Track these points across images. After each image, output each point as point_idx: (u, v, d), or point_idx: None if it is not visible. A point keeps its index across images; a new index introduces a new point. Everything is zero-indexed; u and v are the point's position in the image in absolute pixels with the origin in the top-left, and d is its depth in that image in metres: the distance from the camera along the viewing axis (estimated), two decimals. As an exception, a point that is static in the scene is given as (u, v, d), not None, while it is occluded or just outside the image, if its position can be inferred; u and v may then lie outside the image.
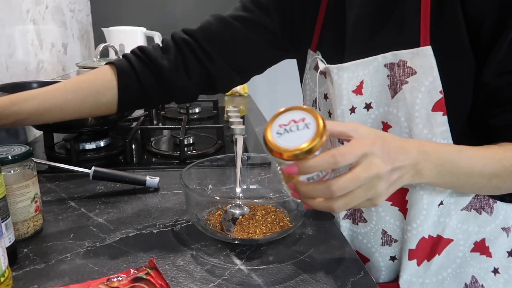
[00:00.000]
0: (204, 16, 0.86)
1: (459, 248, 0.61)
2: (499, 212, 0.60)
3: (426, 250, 0.61)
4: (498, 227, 0.61)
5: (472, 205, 0.60)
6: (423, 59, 0.54)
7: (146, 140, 1.03)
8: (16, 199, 0.55)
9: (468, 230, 0.61)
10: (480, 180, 0.52)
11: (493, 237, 0.61)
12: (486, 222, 0.60)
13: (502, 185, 0.54)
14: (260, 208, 0.64)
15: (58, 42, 1.30)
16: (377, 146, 0.44)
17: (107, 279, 0.48)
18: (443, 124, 0.55)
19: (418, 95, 0.54)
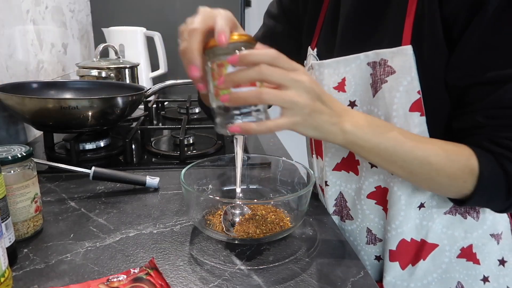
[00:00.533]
0: None
1: (445, 253, 0.60)
2: (486, 217, 0.59)
3: (409, 254, 0.61)
4: (486, 233, 0.60)
5: (456, 209, 0.59)
6: (403, 58, 0.54)
7: (146, 140, 1.03)
8: (16, 199, 0.55)
9: (454, 235, 0.60)
10: (410, 159, 0.51)
11: (481, 244, 0.60)
12: (473, 227, 0.59)
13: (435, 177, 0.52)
14: (260, 208, 0.64)
15: (58, 42, 1.30)
16: (314, 83, 0.47)
17: (107, 279, 0.48)
18: (421, 124, 0.54)
19: (396, 94, 0.55)
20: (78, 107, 0.84)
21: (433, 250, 0.60)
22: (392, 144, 0.51)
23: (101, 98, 0.88)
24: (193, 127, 1.09)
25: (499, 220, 0.60)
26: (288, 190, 0.71)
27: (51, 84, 1.07)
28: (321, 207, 0.71)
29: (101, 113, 0.88)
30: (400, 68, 0.54)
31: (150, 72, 1.69)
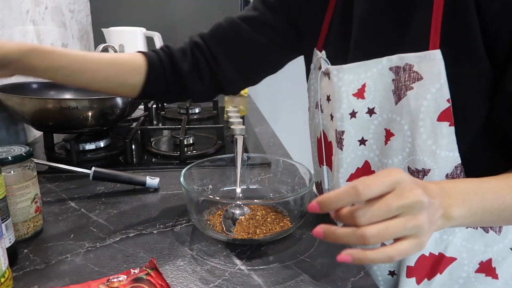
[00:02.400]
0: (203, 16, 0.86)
1: (463, 268, 0.58)
2: (508, 231, 0.57)
3: (426, 268, 0.58)
4: (507, 247, 0.57)
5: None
6: (431, 63, 0.50)
7: (146, 140, 1.03)
8: (16, 199, 0.55)
9: (474, 249, 0.57)
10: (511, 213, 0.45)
11: (501, 258, 0.57)
12: (494, 241, 0.56)
13: None
14: (260, 208, 0.64)
15: (57, 43, 1.30)
16: (405, 175, 0.38)
17: (107, 279, 0.48)
18: (449, 135, 0.51)
19: (423, 102, 0.51)
20: (78, 108, 0.84)
21: (451, 264, 0.58)
22: (495, 207, 0.44)
23: (101, 99, 0.88)
24: (193, 127, 1.09)
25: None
26: (288, 190, 0.71)
27: (51, 84, 1.07)
28: (321, 207, 0.71)
29: (101, 113, 0.88)
30: (428, 74, 0.50)
31: (150, 72, 1.69)
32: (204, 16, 1.79)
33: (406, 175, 0.38)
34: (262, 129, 1.23)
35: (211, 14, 1.79)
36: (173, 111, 1.44)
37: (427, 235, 0.38)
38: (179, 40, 1.81)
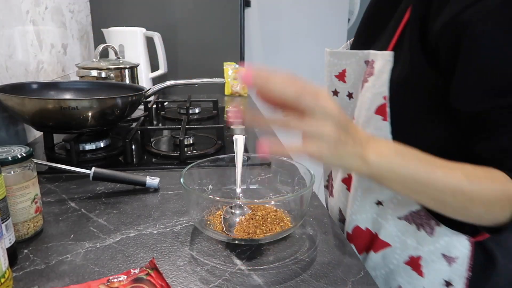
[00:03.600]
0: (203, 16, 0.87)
1: (395, 255, 0.63)
2: (440, 236, 0.58)
3: (363, 241, 0.66)
4: (438, 251, 0.59)
5: (413, 218, 0.59)
6: (383, 62, 0.55)
7: (146, 140, 1.03)
8: (16, 200, 0.55)
9: (406, 242, 0.61)
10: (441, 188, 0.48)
11: (430, 260, 0.59)
12: (425, 241, 0.59)
13: (470, 207, 0.48)
14: (260, 208, 0.64)
15: (57, 43, 1.30)
16: (338, 112, 0.44)
17: (108, 279, 0.48)
18: (382, 129, 0.55)
19: (369, 95, 0.57)
20: (78, 108, 0.84)
21: (385, 248, 0.64)
22: (421, 174, 0.47)
23: (101, 99, 0.88)
24: (193, 128, 1.09)
25: (456, 244, 0.58)
26: (288, 190, 0.71)
27: (51, 84, 1.07)
28: (321, 207, 0.71)
29: (101, 113, 0.88)
30: (378, 71, 0.56)
31: (150, 73, 1.69)
32: (204, 16, 1.79)
33: (337, 112, 0.44)
34: (262, 129, 1.23)
35: (211, 14, 1.79)
36: (173, 111, 1.44)
37: (329, 147, 0.44)
38: (179, 40, 1.82)
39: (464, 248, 0.58)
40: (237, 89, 1.81)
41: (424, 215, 0.59)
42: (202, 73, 1.86)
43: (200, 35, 1.82)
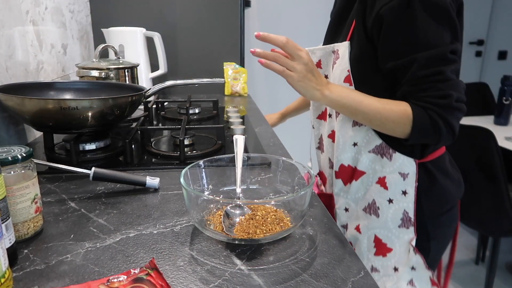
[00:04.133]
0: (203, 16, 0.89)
1: (369, 179, 0.90)
2: (396, 160, 0.85)
3: (347, 175, 0.92)
4: (396, 171, 0.86)
5: (378, 150, 0.87)
6: (344, 49, 0.86)
7: (146, 140, 1.03)
8: (16, 200, 0.55)
9: (375, 168, 0.88)
10: (369, 111, 0.79)
11: (392, 178, 0.86)
12: (387, 165, 0.86)
13: (384, 123, 0.79)
14: (260, 208, 0.64)
15: (57, 43, 1.30)
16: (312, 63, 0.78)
17: (108, 279, 0.48)
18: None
19: (338, 71, 0.87)
20: (78, 108, 0.84)
21: (362, 176, 0.90)
22: (355, 103, 0.80)
23: (101, 99, 0.88)
24: (193, 128, 1.09)
25: (407, 164, 0.85)
26: (288, 190, 0.71)
27: (51, 84, 1.07)
28: (321, 207, 0.71)
29: (101, 113, 0.88)
30: (342, 55, 0.86)
31: (150, 73, 1.69)
32: (204, 16, 1.79)
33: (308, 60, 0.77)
34: (262, 129, 1.23)
35: (211, 14, 1.79)
36: (173, 111, 1.44)
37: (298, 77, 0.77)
38: (179, 40, 1.82)
39: (412, 166, 0.85)
40: (237, 89, 1.81)
41: (385, 146, 0.86)
42: (202, 73, 1.86)
43: (200, 35, 1.82)
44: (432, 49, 0.74)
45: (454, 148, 1.81)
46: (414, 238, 0.86)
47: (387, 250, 0.89)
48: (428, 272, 0.87)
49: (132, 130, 1.00)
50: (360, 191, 0.91)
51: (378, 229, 0.89)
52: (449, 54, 0.74)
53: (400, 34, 0.76)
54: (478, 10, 3.87)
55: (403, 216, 0.87)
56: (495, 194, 1.72)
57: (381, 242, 0.89)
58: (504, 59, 3.98)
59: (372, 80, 0.83)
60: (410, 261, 0.87)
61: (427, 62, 0.74)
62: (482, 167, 1.72)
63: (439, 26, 0.73)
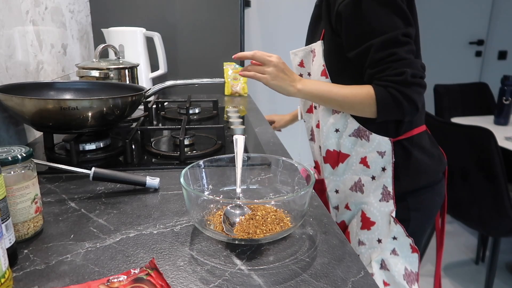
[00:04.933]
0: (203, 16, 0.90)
1: (353, 160, 0.99)
2: (373, 140, 0.94)
3: (333, 159, 1.02)
4: (374, 150, 0.95)
5: (356, 133, 0.96)
6: (318, 47, 0.98)
7: (146, 140, 1.03)
8: (16, 200, 0.55)
9: (357, 150, 0.97)
10: (338, 98, 0.90)
11: (371, 157, 0.95)
12: (365, 146, 0.95)
13: (353, 106, 0.89)
14: (260, 208, 0.64)
15: (57, 43, 1.30)
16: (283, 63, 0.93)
17: (108, 279, 0.48)
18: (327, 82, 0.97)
19: (315, 67, 1.00)
20: (78, 108, 0.84)
21: (347, 158, 1.00)
22: (325, 93, 0.91)
23: (101, 99, 0.88)
24: (193, 128, 1.09)
25: (383, 143, 0.93)
26: (288, 190, 0.71)
27: (50, 84, 1.07)
28: (321, 207, 0.71)
29: (101, 113, 0.88)
30: (317, 52, 0.99)
31: (150, 73, 1.69)
32: (204, 16, 1.79)
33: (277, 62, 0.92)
34: (262, 129, 1.23)
35: (211, 14, 1.79)
36: (173, 111, 1.44)
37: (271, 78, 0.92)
38: (179, 40, 1.82)
39: (388, 144, 0.93)
40: (237, 89, 1.81)
41: (362, 129, 0.94)
42: (202, 73, 1.86)
43: (200, 35, 1.82)
44: (385, 34, 0.82)
45: (454, 148, 1.81)
46: (394, 210, 0.94)
47: (371, 224, 0.97)
48: (409, 240, 0.94)
49: (132, 130, 1.00)
50: (347, 172, 1.01)
51: (363, 205, 0.99)
52: (401, 36, 0.82)
53: (357, 26, 0.85)
54: (478, 10, 3.87)
55: (383, 191, 0.95)
56: (495, 194, 1.72)
57: (366, 217, 0.98)
58: (504, 59, 3.98)
59: (345, 71, 0.93)
60: (391, 232, 0.95)
61: (382, 46, 0.83)
62: (482, 167, 1.72)
63: (389, 14, 0.83)
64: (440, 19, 3.89)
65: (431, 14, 3.88)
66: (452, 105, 2.71)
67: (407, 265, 0.96)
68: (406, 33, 0.83)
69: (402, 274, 0.95)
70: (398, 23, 0.83)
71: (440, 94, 2.70)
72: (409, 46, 0.83)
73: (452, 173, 1.87)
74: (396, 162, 0.94)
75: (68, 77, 1.37)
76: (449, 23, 3.89)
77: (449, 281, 2.17)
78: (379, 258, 0.96)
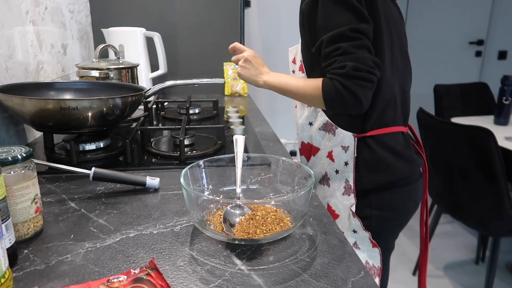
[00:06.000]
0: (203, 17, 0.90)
1: (322, 154, 1.02)
2: (339, 135, 0.97)
3: (307, 151, 1.07)
4: (339, 144, 0.97)
5: (325, 127, 0.99)
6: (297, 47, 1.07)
7: (146, 140, 1.03)
8: (16, 200, 0.55)
9: (325, 143, 1.01)
10: (293, 89, 0.96)
11: (336, 151, 0.98)
12: (332, 140, 0.99)
13: (305, 97, 0.94)
14: (260, 208, 0.64)
15: (57, 43, 1.30)
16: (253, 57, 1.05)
17: (108, 279, 0.48)
18: (304, 77, 1.01)
19: (297, 62, 1.07)
20: (78, 108, 0.84)
21: (317, 152, 1.03)
22: (284, 85, 0.98)
23: (101, 99, 0.88)
24: (193, 128, 1.09)
25: (347, 138, 0.96)
26: (288, 190, 0.71)
27: (50, 84, 1.07)
28: (321, 207, 0.71)
29: (101, 113, 0.88)
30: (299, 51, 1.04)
31: (150, 73, 1.69)
32: (204, 16, 1.79)
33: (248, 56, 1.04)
34: (262, 129, 1.23)
35: (211, 14, 1.79)
36: (173, 111, 1.44)
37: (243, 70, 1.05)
38: (179, 40, 1.82)
39: (351, 140, 0.95)
40: (237, 89, 1.81)
41: (329, 123, 0.98)
42: (202, 73, 1.86)
43: (200, 35, 1.82)
44: (334, 30, 0.86)
45: (454, 148, 1.81)
46: (354, 203, 0.97)
47: (335, 217, 1.01)
48: (366, 234, 0.97)
49: (132, 130, 1.00)
50: (317, 166, 1.04)
51: (329, 198, 1.02)
52: (349, 32, 0.84)
53: (314, 23, 0.91)
54: (478, 10, 3.87)
55: (345, 184, 0.98)
56: (495, 194, 1.72)
57: (331, 209, 1.02)
58: (504, 59, 3.98)
59: (315, 65, 0.97)
60: (351, 225, 0.98)
61: (330, 41, 0.86)
62: (482, 167, 1.72)
63: (341, 11, 0.86)
64: (440, 19, 3.89)
65: (431, 14, 3.88)
66: (452, 105, 2.71)
67: (369, 259, 0.99)
68: (356, 29, 0.85)
69: None
70: (350, 19, 0.85)
71: (440, 94, 2.70)
72: (359, 41, 0.85)
73: (452, 173, 1.87)
74: (357, 157, 0.96)
75: (68, 77, 1.37)
76: (449, 23, 3.89)
77: (449, 281, 2.17)
78: None
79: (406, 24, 3.70)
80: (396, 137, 0.98)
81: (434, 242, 2.50)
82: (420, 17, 3.89)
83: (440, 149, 1.87)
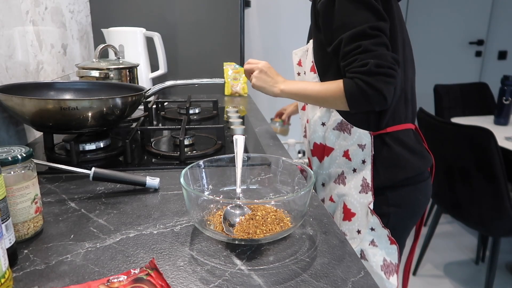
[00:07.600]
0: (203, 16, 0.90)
1: (337, 154, 1.03)
2: (354, 133, 0.98)
3: (320, 152, 1.08)
4: (355, 143, 0.98)
5: (339, 127, 1.00)
6: (310, 46, 1.04)
7: (146, 140, 1.03)
8: (16, 200, 0.55)
9: (340, 143, 1.01)
10: (313, 94, 0.95)
11: (353, 150, 0.99)
12: (347, 139, 1.00)
13: (326, 100, 0.94)
14: (260, 208, 0.64)
15: (57, 43, 1.30)
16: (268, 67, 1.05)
17: (108, 280, 0.48)
18: (313, 78, 1.02)
19: (307, 64, 1.06)
20: (78, 108, 0.84)
21: (331, 152, 1.04)
22: (302, 90, 0.97)
23: (101, 99, 0.88)
24: (193, 128, 1.09)
25: (363, 136, 0.97)
26: (288, 190, 0.71)
27: (51, 85, 1.07)
28: (321, 207, 0.71)
29: (101, 113, 0.88)
30: (309, 51, 1.04)
31: (150, 73, 1.69)
32: (204, 16, 1.79)
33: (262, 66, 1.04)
34: (262, 129, 1.23)
35: (211, 14, 1.79)
36: (173, 111, 1.44)
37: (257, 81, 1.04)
38: (179, 40, 1.82)
39: (368, 138, 0.97)
40: (237, 89, 1.81)
41: (344, 123, 0.98)
42: (202, 73, 1.86)
43: (200, 35, 1.82)
44: (354, 28, 0.86)
45: (454, 148, 1.81)
46: (372, 201, 0.97)
47: (352, 215, 1.01)
48: (385, 231, 0.97)
49: (132, 130, 1.00)
50: (332, 166, 1.05)
51: (345, 196, 1.02)
52: (369, 30, 0.85)
53: (331, 22, 0.90)
54: (478, 10, 3.87)
55: (362, 182, 0.98)
56: (495, 194, 1.72)
57: (347, 208, 1.02)
58: (504, 59, 3.98)
59: (330, 66, 0.97)
60: (369, 222, 0.98)
61: (350, 39, 0.86)
62: (482, 167, 1.72)
63: (360, 9, 0.86)
64: (440, 19, 3.89)
65: (431, 14, 3.88)
66: (452, 105, 2.71)
67: (386, 256, 0.99)
68: (375, 27, 0.85)
69: (380, 264, 0.98)
70: (368, 17, 0.86)
71: (440, 94, 2.70)
72: (378, 39, 0.85)
73: (452, 173, 1.87)
74: (375, 155, 0.97)
75: (68, 77, 1.37)
76: (449, 23, 3.89)
77: (449, 281, 2.17)
78: (358, 249, 0.99)
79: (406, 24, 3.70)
80: (408, 133, 0.99)
81: (434, 242, 2.50)
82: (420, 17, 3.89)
83: (440, 149, 1.87)
